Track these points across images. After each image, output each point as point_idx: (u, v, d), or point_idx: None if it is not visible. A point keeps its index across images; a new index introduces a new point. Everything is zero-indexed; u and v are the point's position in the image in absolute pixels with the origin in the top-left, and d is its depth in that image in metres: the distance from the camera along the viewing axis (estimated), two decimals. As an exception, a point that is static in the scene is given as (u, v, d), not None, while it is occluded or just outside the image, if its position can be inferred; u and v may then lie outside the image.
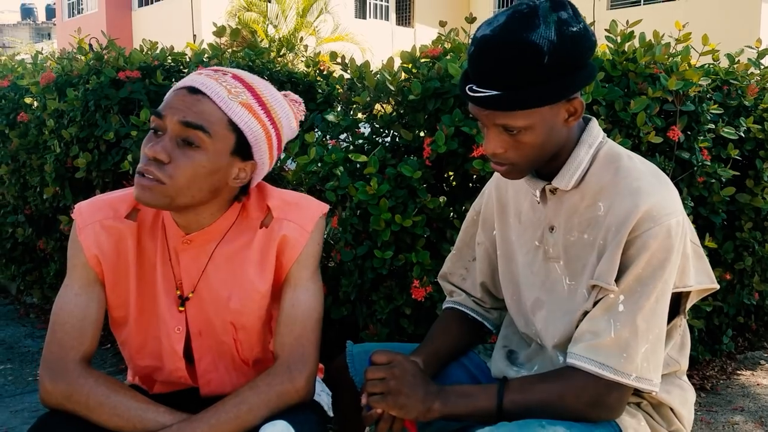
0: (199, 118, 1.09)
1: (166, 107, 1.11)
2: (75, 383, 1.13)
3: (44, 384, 1.14)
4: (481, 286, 1.43)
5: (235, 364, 1.29)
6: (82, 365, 1.16)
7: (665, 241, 1.07)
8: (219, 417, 1.10)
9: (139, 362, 1.30)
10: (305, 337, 1.19)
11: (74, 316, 1.18)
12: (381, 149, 2.23)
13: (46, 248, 3.31)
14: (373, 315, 2.24)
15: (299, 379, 1.16)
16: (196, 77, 1.14)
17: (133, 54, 2.64)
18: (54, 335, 1.17)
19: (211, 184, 1.13)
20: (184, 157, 1.09)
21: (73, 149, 2.69)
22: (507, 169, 1.15)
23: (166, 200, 1.11)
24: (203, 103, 1.10)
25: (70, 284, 1.20)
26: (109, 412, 1.11)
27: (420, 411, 1.14)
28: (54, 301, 1.22)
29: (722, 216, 2.46)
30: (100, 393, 1.12)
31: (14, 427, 2.35)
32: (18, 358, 3.02)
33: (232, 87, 1.14)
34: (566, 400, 1.09)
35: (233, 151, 1.13)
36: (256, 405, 1.12)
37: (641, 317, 1.07)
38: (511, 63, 1.03)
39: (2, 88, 3.41)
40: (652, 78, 2.29)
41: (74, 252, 1.20)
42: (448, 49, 2.42)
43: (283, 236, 1.21)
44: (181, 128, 1.09)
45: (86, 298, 1.19)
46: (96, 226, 1.20)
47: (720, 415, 2.42)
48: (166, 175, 1.08)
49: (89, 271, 1.20)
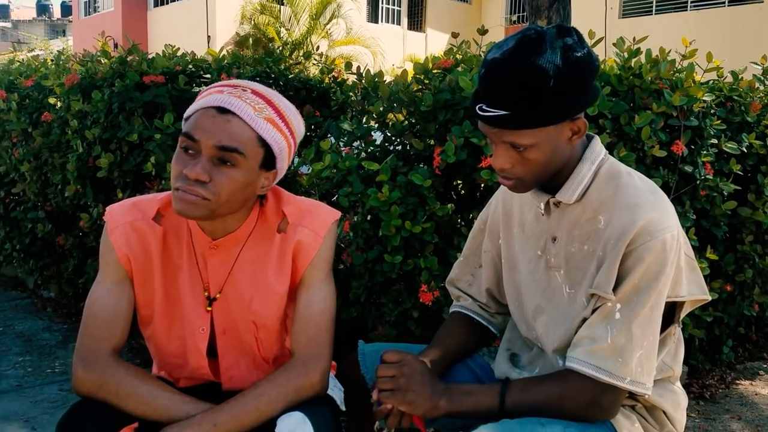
0: (233, 140, 1.16)
1: (199, 130, 1.16)
2: (106, 373, 1.21)
3: (77, 373, 1.23)
4: (487, 291, 1.50)
5: (255, 362, 1.37)
6: (113, 356, 1.24)
7: (660, 254, 1.14)
8: (240, 408, 1.18)
9: (164, 359, 1.39)
10: (320, 336, 1.28)
11: (106, 311, 1.26)
12: (393, 157, 2.31)
13: (65, 244, 3.40)
14: (382, 317, 2.32)
15: (314, 375, 1.25)
16: (222, 97, 1.19)
17: (156, 59, 2.73)
18: (87, 328, 1.26)
19: (245, 195, 1.23)
20: (223, 175, 1.17)
21: (95, 149, 2.78)
22: (513, 184, 1.23)
23: (209, 213, 1.19)
24: (234, 124, 1.17)
25: (103, 281, 1.29)
26: (138, 400, 1.19)
27: (427, 407, 1.22)
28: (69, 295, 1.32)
29: (724, 229, 2.53)
30: (130, 383, 1.20)
31: (34, 417, 2.44)
32: (36, 350, 3.11)
33: (256, 104, 1.20)
34: (564, 400, 1.17)
35: (261, 165, 1.22)
36: (275, 398, 1.20)
37: (636, 325, 1.15)
38: (519, 85, 1.11)
39: (26, 88, 3.51)
40: (657, 93, 2.37)
41: (106, 251, 1.29)
42: (460, 61, 2.50)
43: (298, 241, 1.29)
44: (217, 151, 1.16)
45: (117, 294, 1.28)
46: (126, 227, 1.28)
47: (718, 423, 2.48)
48: (210, 192, 1.17)
49: (120, 268, 1.28)
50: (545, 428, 1.12)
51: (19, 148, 3.48)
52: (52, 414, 2.46)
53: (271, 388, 1.21)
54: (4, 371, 2.86)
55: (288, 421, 1.18)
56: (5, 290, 4.18)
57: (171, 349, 1.37)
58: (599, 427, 1.18)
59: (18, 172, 3.61)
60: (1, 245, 4.00)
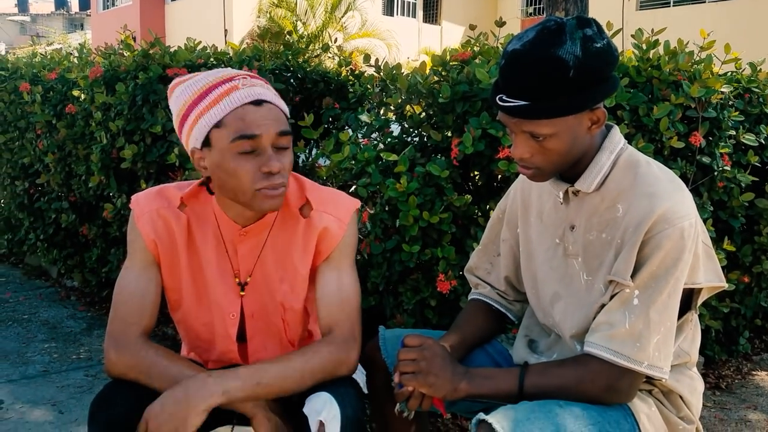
0: (282, 123, 1.24)
1: (255, 127, 1.20)
2: (138, 355, 1.26)
3: (110, 356, 1.28)
4: (505, 279, 1.53)
5: (282, 344, 1.42)
6: (143, 339, 1.29)
7: (678, 241, 1.17)
8: (284, 371, 1.23)
9: (193, 342, 1.44)
10: (354, 317, 1.34)
11: (135, 296, 1.31)
12: (411, 149, 2.33)
13: (88, 234, 3.47)
14: (400, 305, 2.35)
15: (352, 353, 1.30)
16: (252, 90, 1.22)
17: (178, 52, 2.78)
18: (117, 312, 1.31)
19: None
20: (285, 159, 1.25)
21: (119, 141, 2.83)
22: (533, 173, 1.25)
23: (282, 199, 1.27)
24: (273, 110, 1.23)
25: (131, 267, 1.34)
26: (169, 380, 1.23)
27: (448, 390, 1.25)
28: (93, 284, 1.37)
29: (741, 220, 2.53)
30: (161, 363, 1.25)
31: (61, 401, 2.51)
32: (62, 337, 3.19)
33: (261, 85, 1.26)
34: (583, 384, 1.20)
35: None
36: (317, 367, 1.25)
37: (654, 310, 1.17)
38: (539, 76, 1.13)
39: (50, 81, 3.58)
40: (675, 85, 2.37)
41: (133, 237, 1.34)
42: (477, 53, 2.51)
43: (324, 228, 1.34)
44: (277, 138, 1.22)
45: (146, 278, 1.33)
46: (153, 213, 1.33)
47: (734, 412, 2.50)
48: (285, 179, 1.25)
49: (147, 254, 1.33)
50: (563, 410, 1.15)
51: (43, 140, 3.55)
52: (79, 399, 2.52)
53: (314, 357, 1.26)
54: (30, 357, 2.93)
55: (316, 401, 1.22)
56: (29, 279, 4.27)
57: (199, 334, 1.42)
58: (617, 409, 1.21)
59: (42, 163, 3.68)
60: (26, 235, 4.09)
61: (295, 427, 1.27)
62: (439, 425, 2.27)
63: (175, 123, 1.28)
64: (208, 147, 1.23)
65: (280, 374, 1.22)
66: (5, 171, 4.09)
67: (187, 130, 1.24)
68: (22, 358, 2.92)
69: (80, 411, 2.42)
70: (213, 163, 1.23)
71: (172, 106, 1.29)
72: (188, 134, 1.24)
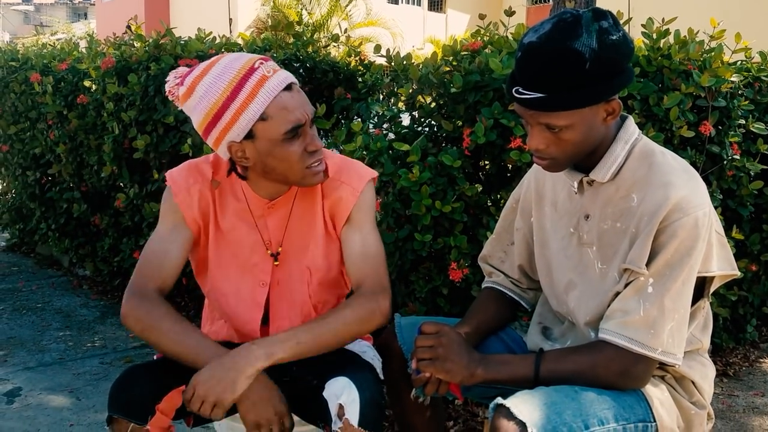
0: (310, 104, 1.31)
1: (297, 111, 1.27)
2: (150, 307, 1.31)
3: (125, 305, 1.33)
4: (519, 268, 1.55)
5: (303, 312, 1.46)
6: (158, 295, 1.34)
7: (693, 230, 1.19)
8: (321, 328, 1.28)
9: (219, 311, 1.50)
10: (382, 271, 1.39)
11: (156, 253, 1.37)
12: (423, 139, 2.35)
13: (100, 224, 3.51)
14: (412, 294, 2.38)
15: (384, 303, 1.35)
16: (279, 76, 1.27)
17: (190, 43, 2.80)
18: (139, 269, 1.37)
19: None
20: (318, 137, 1.34)
21: (131, 131, 2.86)
22: (548, 164, 1.27)
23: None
24: (300, 91, 1.30)
25: (159, 230, 1.41)
26: (173, 337, 1.27)
27: (464, 375, 1.28)
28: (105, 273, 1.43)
29: (750, 209, 2.55)
30: (169, 320, 1.30)
31: (78, 388, 2.55)
32: (76, 325, 3.23)
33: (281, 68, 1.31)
34: (597, 369, 1.22)
35: None
36: (351, 320, 1.30)
37: (668, 298, 1.20)
38: (555, 68, 1.15)
39: (61, 71, 3.60)
40: (685, 74, 2.38)
41: (168, 205, 1.40)
42: (488, 42, 2.52)
43: (338, 196, 1.40)
44: (311, 119, 1.30)
45: (169, 239, 1.38)
46: (191, 189, 1.39)
47: (741, 399, 2.52)
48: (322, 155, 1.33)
49: (178, 216, 1.39)
50: (579, 394, 1.18)
51: (54, 130, 3.58)
52: (95, 386, 2.57)
53: (348, 312, 1.31)
54: (46, 345, 2.98)
55: (335, 385, 1.25)
56: (41, 269, 4.32)
57: (225, 304, 1.47)
58: (630, 394, 1.23)
59: (53, 153, 3.71)
60: (37, 225, 4.13)
61: (315, 410, 1.30)
62: (451, 411, 2.31)
63: (204, 120, 1.27)
64: (251, 139, 1.27)
65: (317, 331, 1.28)
66: (17, 161, 4.12)
67: (224, 127, 1.26)
68: (38, 345, 2.97)
69: (97, 398, 2.46)
70: (260, 153, 1.29)
71: (195, 104, 1.27)
72: (225, 130, 1.26)
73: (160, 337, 1.28)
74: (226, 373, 1.19)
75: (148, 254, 1.38)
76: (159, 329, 1.29)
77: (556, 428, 1.11)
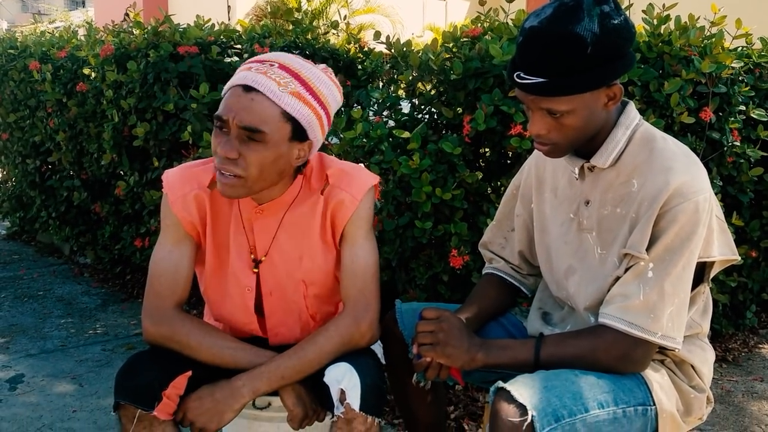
0: (254, 119, 1.21)
1: (226, 110, 1.22)
2: (174, 326, 1.32)
3: (146, 327, 1.33)
4: (519, 254, 1.56)
5: (302, 320, 1.46)
6: (178, 311, 1.34)
7: (693, 215, 1.19)
8: (301, 360, 1.30)
9: (216, 314, 1.48)
10: (366, 288, 1.36)
11: (168, 270, 1.35)
12: (423, 126, 2.35)
13: (101, 212, 3.51)
14: (413, 281, 2.39)
15: (363, 324, 1.34)
16: (248, 74, 1.23)
17: (189, 30, 2.78)
18: (152, 287, 1.35)
19: (278, 168, 1.28)
20: (251, 151, 1.23)
21: (131, 119, 2.86)
22: (549, 149, 1.27)
23: (246, 190, 1.27)
24: (257, 102, 1.21)
25: (164, 242, 1.38)
26: (207, 351, 1.30)
27: (465, 360, 1.29)
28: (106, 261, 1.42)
29: (750, 195, 2.55)
30: (198, 335, 1.31)
31: (81, 374, 2.56)
32: (77, 313, 3.24)
33: (281, 78, 1.24)
34: (597, 353, 1.23)
35: (291, 138, 1.26)
36: (330, 349, 1.31)
37: (668, 283, 1.20)
38: (557, 53, 1.15)
39: (60, 59, 3.59)
40: (686, 60, 2.37)
41: (166, 214, 1.38)
42: (488, 29, 2.51)
43: (336, 202, 1.37)
44: (241, 130, 1.22)
45: (178, 253, 1.36)
46: (187, 197, 1.36)
47: (740, 384, 2.54)
48: (240, 168, 1.23)
49: (180, 229, 1.37)
50: (579, 378, 1.19)
51: (54, 118, 3.57)
52: (98, 372, 2.58)
53: (326, 341, 1.31)
54: (48, 332, 2.99)
55: (336, 371, 1.26)
56: (42, 256, 4.32)
57: (222, 307, 1.46)
58: (630, 378, 1.24)
59: (53, 141, 3.71)
60: (37, 213, 4.13)
61: (317, 394, 1.31)
62: (451, 396, 2.32)
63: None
64: None
65: (300, 363, 1.30)
66: (16, 149, 4.12)
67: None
68: (39, 333, 2.98)
69: (100, 384, 2.47)
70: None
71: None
72: None
73: (192, 353, 1.31)
74: (215, 405, 1.27)
75: (158, 271, 1.36)
76: (189, 346, 1.31)
77: (556, 411, 1.12)
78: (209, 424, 1.27)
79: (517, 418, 1.10)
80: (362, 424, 1.23)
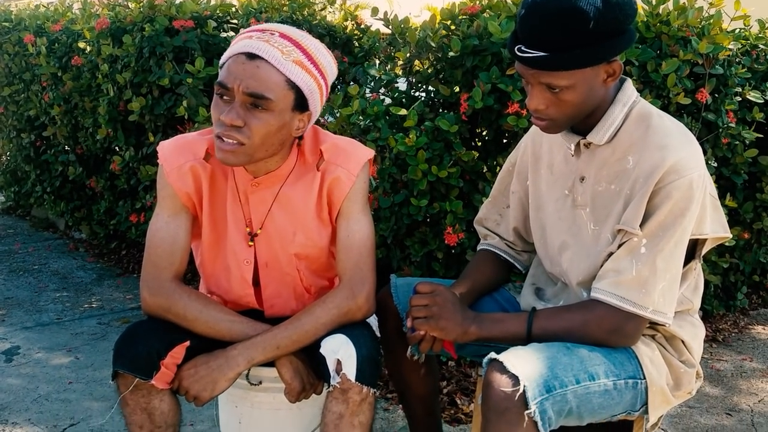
0: (261, 86, 1.21)
1: (231, 77, 1.22)
2: (171, 298, 1.33)
3: (144, 298, 1.34)
4: (514, 230, 1.57)
5: (296, 292, 1.47)
6: (176, 282, 1.35)
7: (687, 192, 1.20)
8: (297, 331, 1.31)
9: (212, 286, 1.49)
10: (363, 262, 1.37)
11: (165, 241, 1.36)
12: (420, 103, 2.35)
13: (96, 187, 3.50)
14: (407, 258, 2.40)
15: (360, 297, 1.35)
16: (251, 42, 1.23)
17: (184, 4, 2.76)
18: (149, 258, 1.36)
19: (280, 138, 1.28)
20: (256, 119, 1.23)
21: (126, 93, 2.84)
22: (547, 124, 1.28)
23: (247, 158, 1.26)
24: (262, 69, 1.21)
25: (161, 213, 1.38)
26: (203, 323, 1.32)
27: (458, 333, 1.31)
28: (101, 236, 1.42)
29: (744, 177, 2.57)
30: (195, 307, 1.32)
31: (77, 347, 2.58)
32: (73, 287, 3.25)
33: (283, 47, 1.24)
34: (589, 327, 1.25)
35: (294, 107, 1.27)
36: (327, 321, 1.32)
37: (660, 258, 1.22)
38: (559, 27, 1.15)
39: (55, 32, 3.55)
40: (683, 41, 2.37)
41: (162, 185, 1.37)
42: (486, 6, 2.50)
43: (333, 179, 1.37)
44: (247, 97, 1.22)
45: (175, 224, 1.37)
46: (183, 168, 1.36)
47: (730, 364, 2.58)
48: (245, 137, 1.23)
49: (176, 201, 1.37)
50: (571, 351, 1.21)
51: (49, 92, 3.55)
52: (93, 345, 2.60)
53: (323, 312, 1.33)
54: (43, 306, 3.00)
55: (332, 342, 1.28)
56: (37, 231, 4.32)
57: (218, 278, 1.46)
58: (621, 352, 1.26)
59: (48, 115, 3.69)
60: (32, 188, 4.12)
61: (313, 366, 1.33)
62: (444, 372, 2.35)
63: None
64: None
65: (296, 333, 1.32)
66: (11, 123, 4.10)
67: None
68: (35, 306, 2.99)
69: (95, 356, 2.49)
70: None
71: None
72: None
73: (189, 325, 1.33)
74: (209, 373, 1.28)
75: (155, 242, 1.36)
76: (186, 318, 1.32)
77: (548, 382, 1.14)
78: (202, 393, 1.28)
79: (509, 389, 1.12)
80: (358, 394, 1.25)
